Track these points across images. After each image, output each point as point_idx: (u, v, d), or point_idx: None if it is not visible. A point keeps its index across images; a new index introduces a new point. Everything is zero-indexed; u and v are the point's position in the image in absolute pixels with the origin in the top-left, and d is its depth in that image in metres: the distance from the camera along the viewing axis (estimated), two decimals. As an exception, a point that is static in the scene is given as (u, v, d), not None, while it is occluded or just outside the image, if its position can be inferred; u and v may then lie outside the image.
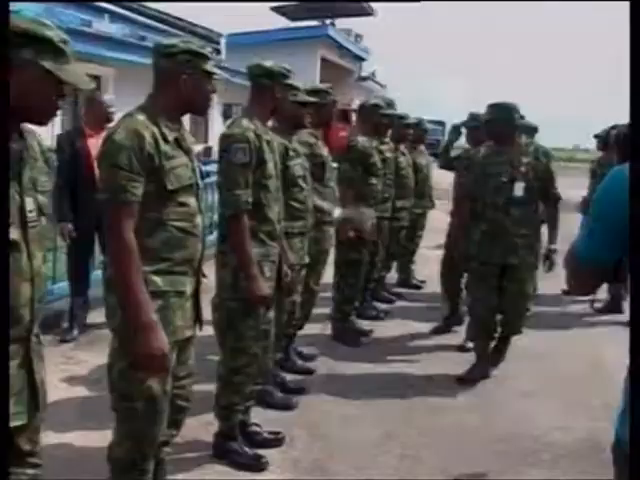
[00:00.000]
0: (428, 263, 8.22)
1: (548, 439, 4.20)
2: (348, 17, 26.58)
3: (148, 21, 13.90)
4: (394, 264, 7.94)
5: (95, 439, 3.63)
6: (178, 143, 2.74)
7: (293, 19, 25.82)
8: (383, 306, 7.09)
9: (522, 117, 5.07)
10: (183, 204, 2.72)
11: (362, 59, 26.94)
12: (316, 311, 5.48)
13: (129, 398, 2.71)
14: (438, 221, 8.26)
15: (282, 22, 25.75)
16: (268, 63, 3.71)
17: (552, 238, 4.92)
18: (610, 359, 5.43)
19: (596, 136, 7.83)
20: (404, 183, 6.91)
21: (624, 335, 1.71)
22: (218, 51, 16.39)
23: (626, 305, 6.80)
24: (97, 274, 5.77)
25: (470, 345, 5.67)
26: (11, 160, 2.04)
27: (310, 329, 5.60)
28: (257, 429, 3.92)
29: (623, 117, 4.56)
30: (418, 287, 8.03)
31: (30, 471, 2.29)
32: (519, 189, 4.78)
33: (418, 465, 3.81)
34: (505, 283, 4.93)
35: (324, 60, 22.62)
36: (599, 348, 5.86)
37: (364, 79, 27.40)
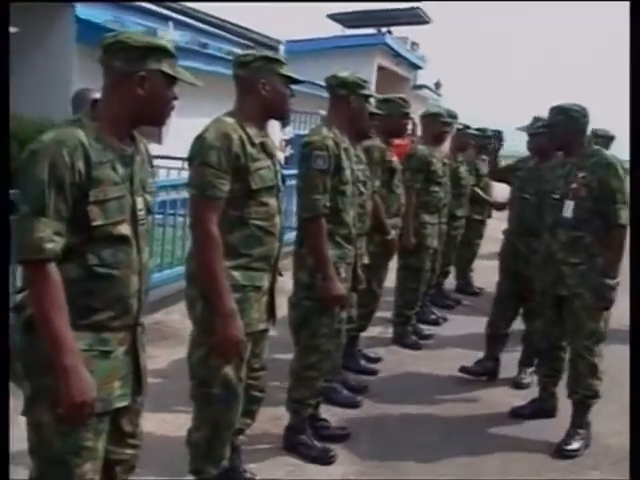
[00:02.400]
0: (485, 271, 8.29)
1: (607, 443, 4.26)
2: (403, 25, 26.65)
3: (210, 28, 14.15)
4: (452, 271, 8.01)
5: (170, 429, 3.84)
6: (263, 147, 2.92)
7: (349, 27, 25.97)
8: (442, 312, 7.18)
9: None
10: (264, 204, 2.90)
11: (418, 67, 26.93)
12: (377, 315, 5.62)
13: (207, 384, 2.90)
14: (496, 230, 8.31)
15: (337, 29, 25.90)
16: (344, 74, 3.87)
17: (607, 270, 4.03)
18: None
19: None
20: (462, 192, 7.02)
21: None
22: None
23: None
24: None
25: (525, 379, 5.22)
26: (125, 162, 2.23)
27: (371, 332, 5.75)
28: (325, 424, 4.07)
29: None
30: (476, 294, 8.10)
31: (129, 451, 2.45)
32: (568, 209, 4.12)
33: (482, 466, 3.91)
34: (565, 315, 4.27)
35: (380, 68, 22.69)
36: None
37: (420, 87, 27.40)
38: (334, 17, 26.44)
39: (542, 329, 4.45)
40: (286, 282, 3.78)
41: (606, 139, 6.37)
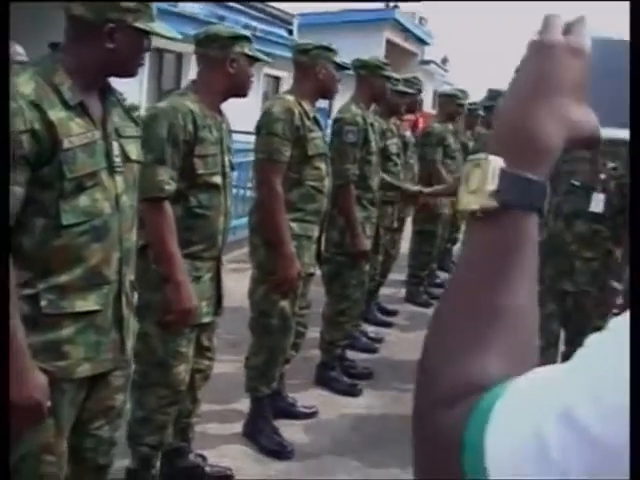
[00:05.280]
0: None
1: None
2: (411, 0, 26.94)
3: (227, 2, 14.58)
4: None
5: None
6: (315, 120, 3.48)
7: (357, 0, 26.27)
8: (448, 275, 7.74)
9: None
10: (317, 168, 3.47)
11: (426, 43, 27.29)
12: (391, 277, 6.19)
13: (267, 315, 3.47)
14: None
15: (344, 4, 26.18)
16: (366, 57, 4.44)
17: (618, 272, 3.77)
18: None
19: None
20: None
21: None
22: (291, 32, 17.05)
23: None
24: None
25: None
26: (217, 128, 2.78)
27: (385, 292, 6.36)
28: (352, 363, 4.66)
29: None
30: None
31: (206, 362, 3.04)
32: (598, 203, 3.68)
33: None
34: (569, 310, 3.91)
35: (389, 42, 23.07)
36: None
37: (427, 63, 27.76)
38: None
39: (542, 325, 4.10)
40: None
41: None
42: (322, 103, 12.78)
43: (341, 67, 3.64)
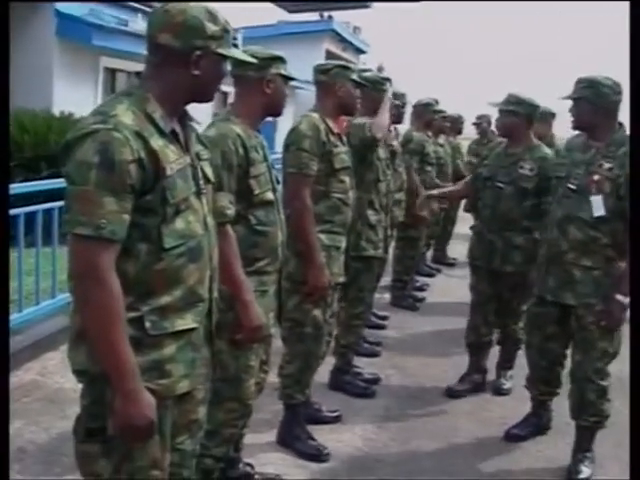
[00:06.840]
0: (456, 244, 9.20)
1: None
2: (346, 9, 27.25)
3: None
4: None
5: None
6: (339, 137, 3.64)
7: (292, 11, 26.47)
8: (425, 279, 8.02)
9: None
10: (342, 181, 3.64)
11: (362, 51, 27.68)
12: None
13: (300, 324, 3.59)
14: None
15: (280, 14, 26.37)
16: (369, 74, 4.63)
17: (621, 283, 3.36)
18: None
19: None
20: (444, 171, 7.78)
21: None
22: (236, 45, 17.04)
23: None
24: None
25: (506, 385, 4.82)
26: (259, 148, 2.88)
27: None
28: (359, 370, 4.79)
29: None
30: (452, 264, 8.94)
31: (262, 375, 3.13)
32: (598, 207, 3.41)
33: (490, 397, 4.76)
34: (572, 329, 3.66)
35: (329, 53, 23.35)
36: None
37: (365, 71, 28.04)
38: (278, 3, 26.90)
39: (540, 345, 3.83)
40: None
41: (546, 115, 6.30)
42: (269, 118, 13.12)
43: (359, 84, 3.79)
